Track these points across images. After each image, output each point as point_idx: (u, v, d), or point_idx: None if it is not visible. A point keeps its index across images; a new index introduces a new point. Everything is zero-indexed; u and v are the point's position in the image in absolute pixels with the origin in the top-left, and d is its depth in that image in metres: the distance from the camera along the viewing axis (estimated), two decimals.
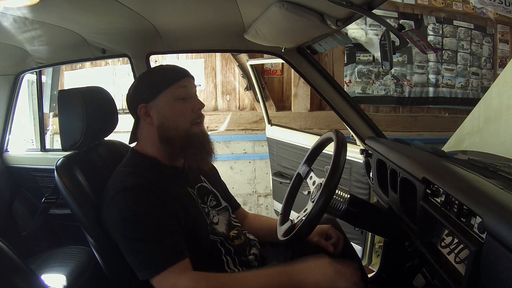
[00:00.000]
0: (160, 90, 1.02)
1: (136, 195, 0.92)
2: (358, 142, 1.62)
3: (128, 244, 0.90)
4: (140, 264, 0.89)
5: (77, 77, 3.15)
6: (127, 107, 1.09)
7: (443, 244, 0.87)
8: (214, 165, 1.21)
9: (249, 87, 3.13)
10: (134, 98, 1.05)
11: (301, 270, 0.92)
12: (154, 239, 0.89)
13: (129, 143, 1.13)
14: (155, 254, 0.88)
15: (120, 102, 3.16)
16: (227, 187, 1.30)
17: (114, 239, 0.94)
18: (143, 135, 1.07)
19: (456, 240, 0.81)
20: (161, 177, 1.00)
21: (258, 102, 2.98)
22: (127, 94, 1.08)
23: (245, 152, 3.11)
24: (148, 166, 1.02)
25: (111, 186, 0.97)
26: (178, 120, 1.02)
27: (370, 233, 1.77)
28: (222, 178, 1.30)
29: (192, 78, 1.08)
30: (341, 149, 1.01)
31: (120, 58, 2.40)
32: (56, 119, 1.48)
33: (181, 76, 1.05)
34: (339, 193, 1.10)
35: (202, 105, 1.06)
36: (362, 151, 1.56)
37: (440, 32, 3.29)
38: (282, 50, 1.54)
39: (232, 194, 1.32)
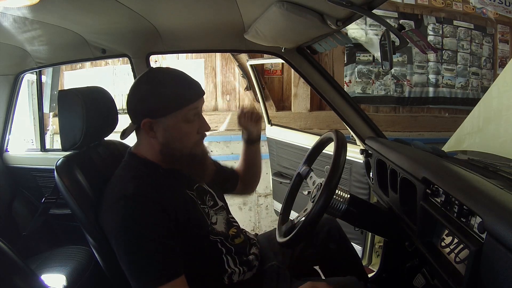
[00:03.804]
0: (170, 111, 0.96)
1: (135, 204, 0.91)
2: (358, 142, 1.62)
3: (124, 253, 0.90)
4: (133, 275, 0.89)
5: (77, 77, 3.14)
6: (126, 109, 1.02)
7: (443, 244, 0.87)
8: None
9: (249, 87, 3.13)
10: (139, 108, 0.98)
11: None
12: (149, 252, 0.88)
13: (121, 139, 1.09)
14: (148, 268, 0.88)
15: (120, 102, 3.16)
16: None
17: (111, 243, 0.94)
18: (143, 141, 1.03)
19: (456, 240, 0.81)
20: (161, 181, 0.99)
21: (258, 102, 2.98)
22: (129, 97, 1.01)
23: None
24: (147, 170, 1.01)
25: (111, 192, 0.96)
26: (183, 141, 1.00)
27: (370, 233, 1.77)
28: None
29: (204, 94, 1.03)
30: (341, 149, 1.01)
31: (120, 58, 2.40)
32: (56, 119, 1.48)
33: (196, 97, 0.99)
34: (339, 193, 1.10)
35: (209, 128, 1.04)
36: (362, 151, 1.56)
37: (440, 32, 3.29)
38: (282, 50, 1.54)
39: (232, 194, 1.33)
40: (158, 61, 3.11)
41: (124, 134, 1.05)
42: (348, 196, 1.11)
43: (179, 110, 0.96)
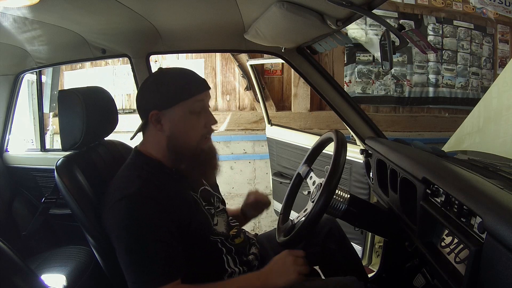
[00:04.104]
0: (176, 101, 0.98)
1: (137, 204, 0.91)
2: (358, 142, 1.62)
3: (123, 253, 0.90)
4: (131, 275, 0.89)
5: (77, 77, 3.15)
6: (136, 107, 1.05)
7: (443, 244, 0.87)
8: None
9: (249, 87, 3.13)
10: (147, 102, 1.01)
11: (268, 273, 0.97)
12: (149, 253, 0.89)
13: (131, 138, 1.12)
14: (147, 269, 0.88)
15: (120, 102, 3.16)
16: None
17: (112, 242, 0.94)
18: (150, 137, 1.04)
19: (456, 240, 0.81)
20: (165, 180, 0.99)
21: (258, 102, 2.98)
22: (138, 93, 1.04)
23: (245, 152, 3.11)
24: (152, 168, 1.00)
25: (114, 190, 0.96)
26: (189, 133, 1.00)
27: (370, 233, 1.77)
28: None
29: (209, 89, 1.05)
30: (341, 149, 1.01)
31: (120, 58, 2.40)
32: (56, 119, 1.48)
33: (201, 89, 1.01)
34: (339, 193, 1.10)
35: (215, 122, 1.05)
36: (362, 151, 1.56)
37: (440, 32, 3.29)
38: (282, 50, 1.54)
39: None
40: (158, 61, 3.11)
41: (136, 133, 1.09)
42: (348, 196, 1.11)
43: (184, 101, 0.98)
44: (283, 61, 1.61)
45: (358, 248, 1.79)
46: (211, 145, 1.07)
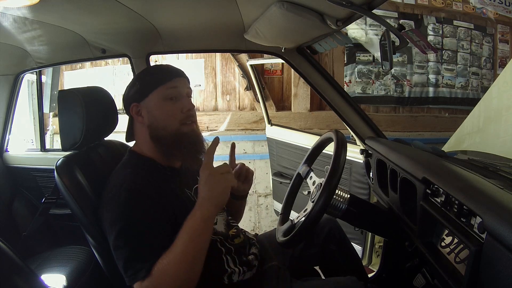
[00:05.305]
0: (150, 90, 1.04)
1: (130, 200, 0.91)
2: (358, 142, 1.62)
3: (116, 247, 0.91)
4: (121, 269, 0.90)
5: (77, 77, 3.15)
6: (123, 107, 1.12)
7: (443, 244, 0.87)
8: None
9: (249, 87, 3.13)
10: (128, 98, 1.09)
11: (206, 203, 0.91)
12: (138, 250, 0.89)
13: (126, 141, 1.16)
14: (136, 261, 0.88)
15: (120, 102, 3.16)
16: None
17: (107, 238, 0.94)
18: (138, 135, 1.09)
19: (456, 240, 0.81)
20: (159, 177, 1.00)
21: (258, 102, 2.98)
22: (123, 94, 1.11)
23: (245, 152, 3.11)
24: (146, 166, 1.02)
25: (109, 188, 0.97)
26: (166, 120, 1.03)
27: (370, 233, 1.77)
28: None
29: (186, 78, 1.09)
30: (341, 149, 1.01)
31: (120, 58, 2.40)
32: (56, 119, 1.48)
33: (172, 76, 1.06)
34: (339, 193, 1.10)
35: (192, 106, 1.07)
36: (362, 151, 1.56)
37: (440, 32, 3.29)
38: (282, 50, 1.54)
39: None
40: (158, 61, 3.11)
41: (127, 135, 1.13)
42: (348, 196, 1.11)
43: (157, 88, 1.04)
44: (283, 61, 1.61)
45: (358, 248, 1.79)
46: (195, 130, 1.08)
